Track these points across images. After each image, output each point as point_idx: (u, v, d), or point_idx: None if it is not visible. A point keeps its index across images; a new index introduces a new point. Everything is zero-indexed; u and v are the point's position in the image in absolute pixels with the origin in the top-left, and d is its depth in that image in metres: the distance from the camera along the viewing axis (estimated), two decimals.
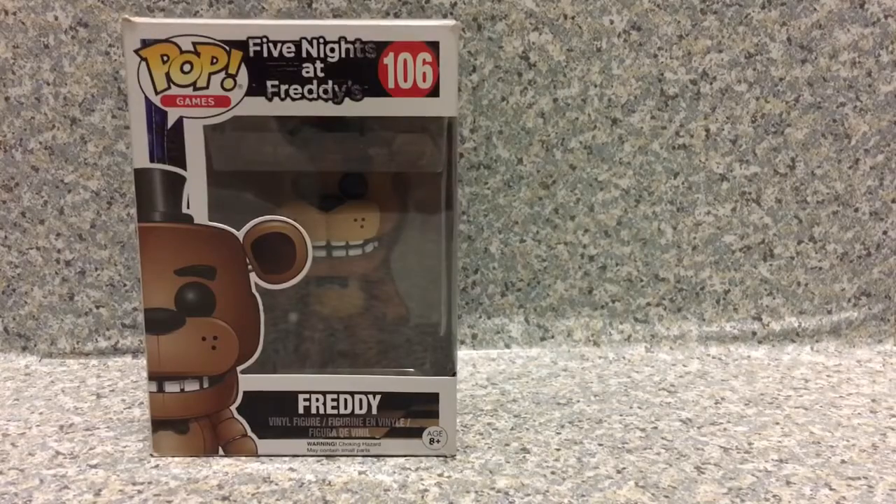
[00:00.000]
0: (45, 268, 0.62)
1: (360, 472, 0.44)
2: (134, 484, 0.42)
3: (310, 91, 0.41)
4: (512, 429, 0.49)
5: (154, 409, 0.44)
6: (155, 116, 0.41)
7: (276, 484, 0.42)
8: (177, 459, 0.45)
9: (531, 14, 0.59)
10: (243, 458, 0.45)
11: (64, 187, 0.61)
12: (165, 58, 0.41)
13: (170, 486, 0.42)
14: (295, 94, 0.41)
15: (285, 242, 0.43)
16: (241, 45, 0.41)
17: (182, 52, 0.40)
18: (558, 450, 0.46)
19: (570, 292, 0.64)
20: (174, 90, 0.41)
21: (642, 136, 0.62)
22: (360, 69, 0.41)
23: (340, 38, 0.41)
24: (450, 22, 0.41)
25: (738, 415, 0.52)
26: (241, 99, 0.41)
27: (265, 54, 0.41)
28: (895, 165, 0.63)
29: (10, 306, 0.63)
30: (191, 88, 0.41)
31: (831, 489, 0.42)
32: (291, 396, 0.44)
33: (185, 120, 0.41)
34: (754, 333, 0.65)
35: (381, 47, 0.41)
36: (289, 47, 0.41)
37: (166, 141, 0.41)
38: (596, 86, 0.61)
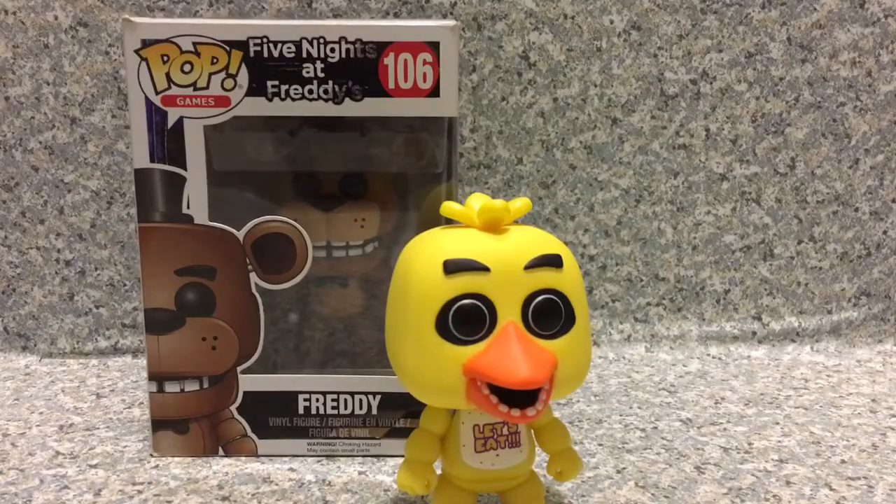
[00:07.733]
0: (45, 268, 0.62)
1: (360, 472, 0.44)
2: (134, 484, 0.42)
3: (310, 91, 0.41)
4: None
5: (154, 409, 0.44)
6: (155, 116, 0.41)
7: (276, 484, 0.42)
8: (177, 459, 0.45)
9: (531, 14, 0.59)
10: (243, 458, 0.45)
11: (64, 187, 0.61)
12: (166, 58, 0.41)
13: (170, 486, 0.42)
14: (295, 94, 0.41)
15: (285, 242, 0.43)
16: (242, 45, 0.40)
17: (182, 52, 0.40)
18: None
19: None
20: (174, 90, 0.41)
21: (642, 136, 0.62)
22: (360, 69, 0.41)
23: (341, 38, 0.41)
24: (450, 22, 0.41)
25: (738, 415, 0.52)
26: (242, 99, 0.41)
27: (265, 54, 0.41)
28: (895, 165, 0.63)
29: (10, 306, 0.62)
30: (191, 88, 0.41)
31: (831, 489, 0.42)
32: (291, 396, 0.44)
33: (185, 120, 0.41)
34: (754, 333, 0.65)
35: (382, 47, 0.41)
36: (289, 47, 0.41)
37: (166, 141, 0.41)
38: (596, 85, 0.61)
